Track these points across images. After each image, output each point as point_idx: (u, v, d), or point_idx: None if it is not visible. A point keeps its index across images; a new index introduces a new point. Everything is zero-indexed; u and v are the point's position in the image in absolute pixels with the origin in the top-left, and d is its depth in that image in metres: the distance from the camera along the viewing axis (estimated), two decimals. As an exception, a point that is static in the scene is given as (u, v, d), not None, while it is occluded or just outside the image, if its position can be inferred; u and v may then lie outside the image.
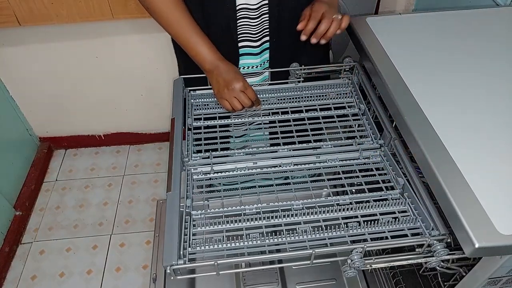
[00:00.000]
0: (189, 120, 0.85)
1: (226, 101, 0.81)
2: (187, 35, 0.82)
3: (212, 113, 0.88)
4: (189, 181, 0.74)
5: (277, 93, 0.92)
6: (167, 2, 0.80)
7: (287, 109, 0.89)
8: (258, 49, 0.89)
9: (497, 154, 0.62)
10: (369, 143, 0.80)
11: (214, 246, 0.64)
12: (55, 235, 1.63)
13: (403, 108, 0.70)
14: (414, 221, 0.66)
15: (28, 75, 1.64)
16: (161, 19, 0.82)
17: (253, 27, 0.85)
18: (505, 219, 0.54)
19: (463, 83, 0.75)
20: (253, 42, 0.88)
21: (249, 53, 0.90)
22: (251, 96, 0.82)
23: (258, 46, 0.89)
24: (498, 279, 0.63)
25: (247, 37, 0.87)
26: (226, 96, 0.81)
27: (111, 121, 1.88)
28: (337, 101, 0.90)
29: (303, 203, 0.70)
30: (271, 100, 0.91)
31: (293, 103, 0.90)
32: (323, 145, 0.80)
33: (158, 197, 1.75)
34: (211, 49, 0.83)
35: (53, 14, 1.34)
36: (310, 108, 0.89)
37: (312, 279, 1.02)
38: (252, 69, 0.93)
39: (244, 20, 0.84)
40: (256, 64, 0.92)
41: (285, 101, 0.90)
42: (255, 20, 0.84)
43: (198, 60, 0.84)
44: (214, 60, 0.82)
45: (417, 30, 0.88)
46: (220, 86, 0.81)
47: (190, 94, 0.90)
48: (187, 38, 0.82)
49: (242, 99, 0.81)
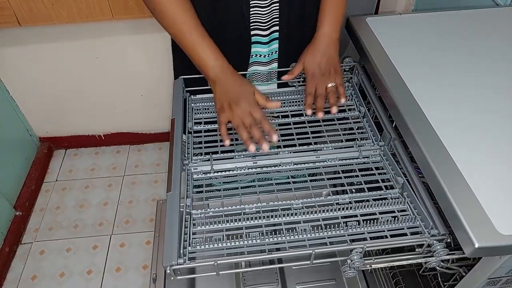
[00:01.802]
0: (189, 124, 0.85)
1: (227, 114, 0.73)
2: (191, 37, 0.76)
3: (213, 117, 0.87)
4: (189, 180, 0.74)
5: (277, 96, 0.92)
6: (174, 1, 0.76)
7: (287, 113, 0.88)
8: (267, 38, 0.89)
9: (497, 154, 0.62)
10: (370, 145, 0.80)
11: (214, 245, 0.64)
12: (55, 235, 1.63)
13: (403, 108, 0.71)
14: (414, 220, 0.66)
15: (28, 75, 1.64)
16: (164, 18, 0.77)
17: (263, 16, 0.85)
18: (505, 219, 0.54)
19: (463, 83, 0.75)
20: (262, 31, 0.87)
21: (258, 41, 0.89)
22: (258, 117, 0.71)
23: (267, 35, 0.88)
24: (498, 279, 0.63)
25: (257, 26, 0.86)
26: (229, 115, 0.72)
27: (111, 121, 1.88)
28: (337, 104, 0.90)
29: (302, 202, 0.70)
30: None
31: (293, 106, 0.89)
32: (324, 147, 0.80)
33: (158, 197, 1.76)
34: (217, 55, 0.77)
35: (53, 14, 1.34)
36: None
37: (312, 279, 1.02)
38: (260, 58, 0.92)
39: (255, 9, 0.83)
40: (264, 53, 0.92)
41: (285, 104, 0.90)
42: (265, 8, 0.84)
43: (201, 66, 0.78)
44: (219, 67, 0.76)
45: (417, 30, 0.88)
46: (223, 101, 0.73)
47: (191, 98, 0.90)
48: (191, 40, 0.76)
49: (246, 122, 0.71)
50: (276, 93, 0.92)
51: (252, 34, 0.88)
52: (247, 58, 0.91)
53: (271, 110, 0.88)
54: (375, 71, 0.80)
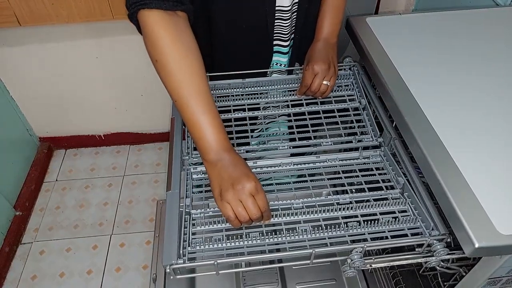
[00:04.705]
0: None
1: (229, 205, 0.61)
2: (196, 109, 0.63)
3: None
4: (188, 180, 0.74)
5: (278, 84, 0.92)
6: (182, 56, 0.63)
7: (287, 103, 0.89)
8: (287, 48, 0.90)
9: (497, 154, 0.62)
10: (369, 140, 0.80)
11: (213, 245, 0.64)
12: (55, 235, 1.63)
13: (403, 108, 0.70)
14: (414, 221, 0.66)
15: (28, 75, 1.64)
16: (167, 78, 0.65)
17: (285, 28, 0.86)
18: (505, 219, 0.54)
19: (463, 83, 0.75)
20: (283, 41, 0.89)
21: (279, 51, 0.91)
22: (262, 204, 0.62)
23: (287, 45, 0.90)
24: (498, 279, 0.63)
25: (279, 37, 0.88)
26: (230, 197, 0.61)
27: (111, 121, 1.88)
28: (338, 94, 0.90)
29: (303, 202, 0.70)
30: (272, 93, 0.91)
31: (293, 96, 0.90)
32: (323, 142, 0.80)
33: (158, 197, 1.76)
34: (222, 136, 0.64)
35: (53, 14, 1.34)
36: (310, 102, 0.89)
37: (312, 279, 1.02)
38: (281, 67, 0.94)
39: (278, 21, 0.85)
40: (284, 62, 0.93)
41: (285, 94, 0.91)
42: (287, 21, 0.85)
43: (201, 146, 0.65)
44: (221, 150, 0.64)
45: (417, 30, 0.88)
46: (223, 183, 0.62)
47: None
48: (194, 111, 0.64)
49: (249, 207, 0.61)
50: (276, 81, 0.92)
51: (274, 44, 0.89)
52: (267, 67, 0.93)
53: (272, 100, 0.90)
54: (375, 71, 0.80)
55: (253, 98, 0.90)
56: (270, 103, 0.90)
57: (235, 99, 0.89)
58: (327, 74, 0.84)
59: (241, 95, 0.90)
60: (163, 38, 0.63)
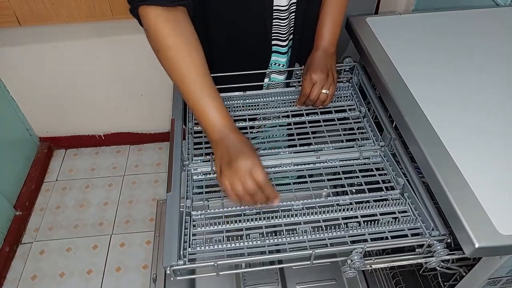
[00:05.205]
0: (189, 124, 0.85)
1: (227, 180, 0.64)
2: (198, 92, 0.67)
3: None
4: (189, 181, 0.74)
5: (278, 96, 0.92)
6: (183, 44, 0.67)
7: (287, 113, 0.89)
8: (285, 48, 0.90)
9: (498, 154, 0.62)
10: (371, 145, 0.80)
11: (214, 246, 0.64)
12: (55, 235, 1.63)
13: (403, 108, 0.70)
14: (414, 221, 0.66)
15: (28, 75, 1.64)
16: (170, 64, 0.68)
17: (282, 27, 0.86)
18: (505, 219, 0.54)
19: (463, 83, 0.75)
20: (282, 41, 0.89)
21: (277, 51, 0.91)
22: (258, 179, 0.63)
23: (285, 45, 0.90)
24: (498, 279, 0.63)
25: (277, 37, 0.88)
26: (228, 174, 0.63)
27: (111, 121, 1.89)
28: (338, 104, 0.90)
29: (303, 203, 0.70)
30: (271, 104, 0.91)
31: (293, 106, 0.90)
32: (325, 147, 0.80)
33: (158, 197, 1.76)
34: (224, 116, 0.68)
35: (53, 14, 1.34)
36: (311, 112, 0.89)
37: (312, 279, 1.02)
38: (279, 67, 0.94)
39: (276, 21, 0.84)
40: (283, 62, 0.93)
41: (285, 104, 0.91)
42: (285, 20, 0.85)
43: (205, 126, 0.69)
44: (224, 129, 0.67)
45: (417, 30, 0.88)
46: (224, 160, 0.65)
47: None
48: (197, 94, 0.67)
49: (245, 182, 0.62)
50: (276, 93, 0.92)
51: (273, 44, 0.89)
52: (266, 67, 0.92)
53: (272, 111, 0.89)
54: (375, 71, 0.80)
55: (253, 108, 0.90)
56: (270, 113, 0.90)
57: (236, 110, 0.90)
58: (326, 83, 0.84)
59: (241, 107, 0.91)
60: (163, 29, 0.67)
